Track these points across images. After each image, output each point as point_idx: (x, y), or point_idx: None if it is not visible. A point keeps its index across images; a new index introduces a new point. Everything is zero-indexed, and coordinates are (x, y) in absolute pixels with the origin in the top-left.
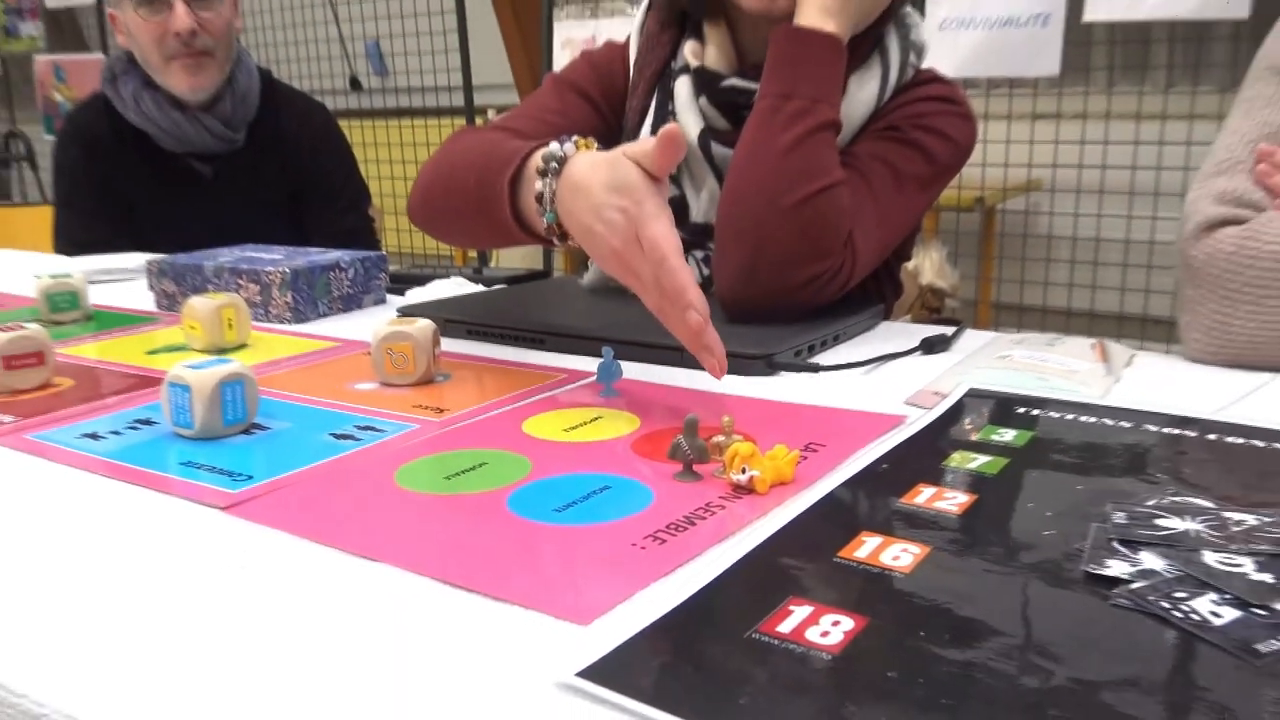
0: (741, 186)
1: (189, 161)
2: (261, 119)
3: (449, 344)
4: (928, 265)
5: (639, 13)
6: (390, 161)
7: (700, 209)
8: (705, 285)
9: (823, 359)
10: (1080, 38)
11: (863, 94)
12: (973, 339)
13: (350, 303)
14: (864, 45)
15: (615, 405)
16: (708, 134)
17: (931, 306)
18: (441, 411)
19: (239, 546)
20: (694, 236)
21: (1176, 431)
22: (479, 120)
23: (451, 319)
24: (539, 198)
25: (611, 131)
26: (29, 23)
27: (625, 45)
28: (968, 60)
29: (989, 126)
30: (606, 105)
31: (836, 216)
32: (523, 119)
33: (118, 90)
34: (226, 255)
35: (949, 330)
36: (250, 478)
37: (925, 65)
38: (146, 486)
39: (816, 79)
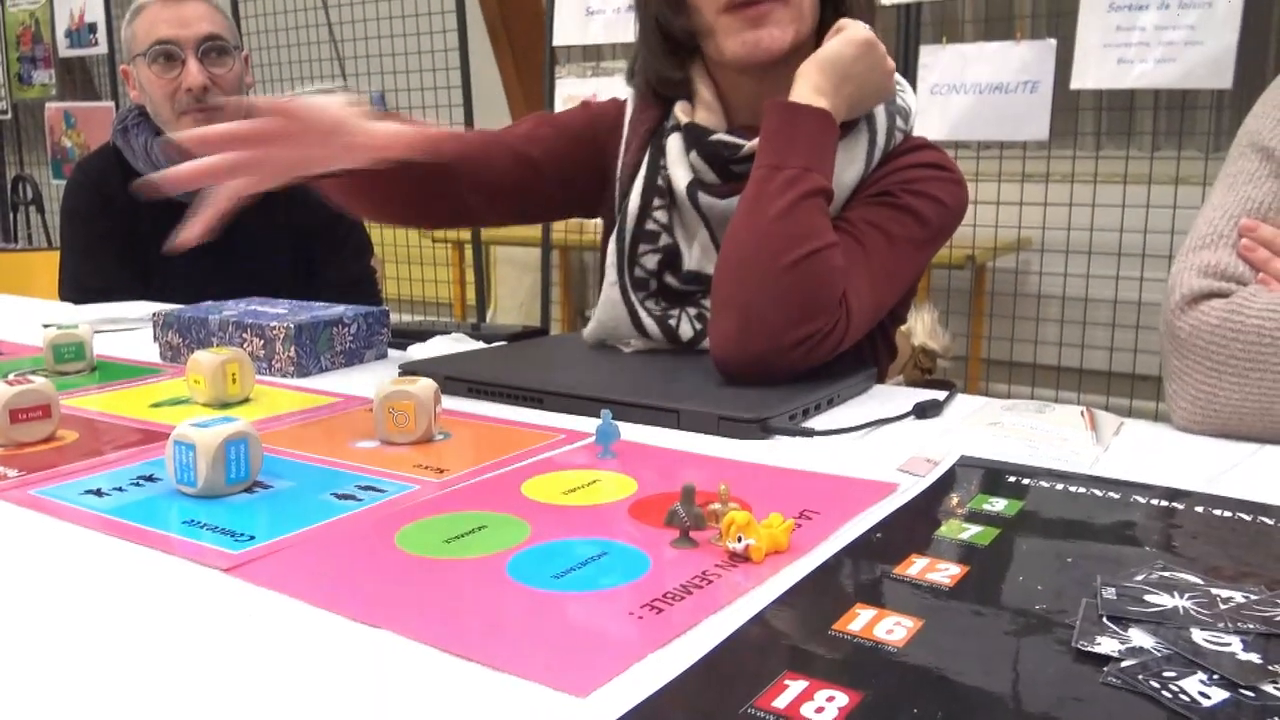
0: (735, 252)
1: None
2: None
3: (449, 401)
4: (920, 327)
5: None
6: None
7: (693, 258)
8: (695, 340)
9: (816, 422)
10: (1068, 103)
11: (851, 159)
12: (964, 404)
13: (352, 357)
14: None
15: (613, 468)
16: (696, 185)
17: (924, 367)
18: (442, 472)
19: (240, 608)
20: (687, 284)
21: (1165, 503)
22: None
23: (452, 377)
24: None
25: (584, 171)
26: (42, 71)
27: (624, 103)
28: (958, 123)
29: (979, 186)
30: (591, 146)
31: (829, 277)
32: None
33: (129, 141)
34: (231, 309)
35: (941, 395)
36: (252, 538)
37: (917, 130)
38: (149, 545)
39: (807, 150)
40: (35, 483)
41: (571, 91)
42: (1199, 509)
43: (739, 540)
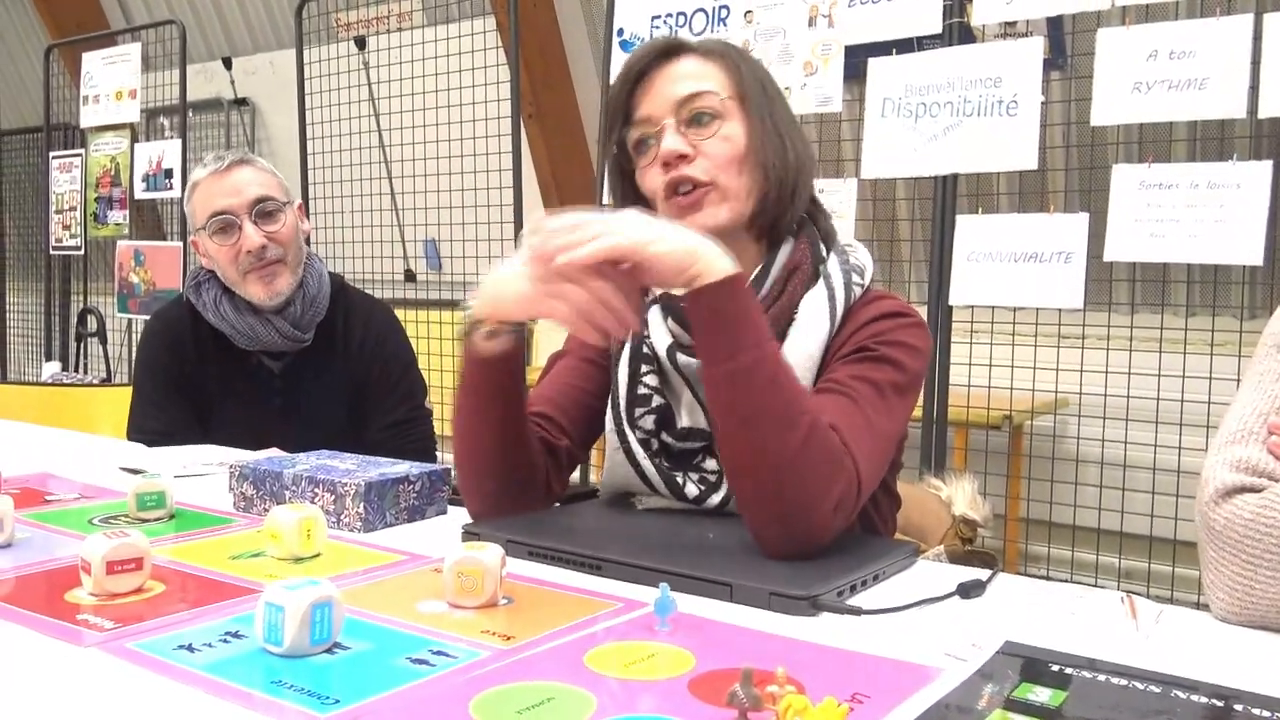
0: (738, 457)
1: (260, 358)
2: (329, 320)
3: (511, 564)
4: (959, 496)
5: None
6: (438, 354)
7: (684, 416)
8: (700, 498)
9: (863, 598)
10: (1102, 273)
11: (816, 310)
12: (1006, 582)
13: (414, 513)
14: (803, 268)
15: (670, 640)
16: (674, 348)
17: (965, 537)
18: (509, 639)
19: None
20: (682, 440)
21: (1204, 700)
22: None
23: (513, 539)
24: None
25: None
26: (117, 211)
27: None
28: (993, 289)
29: (1016, 349)
30: (603, 357)
31: (827, 435)
32: (543, 386)
33: (200, 296)
34: (304, 463)
35: (984, 574)
36: (337, 701)
37: (954, 294)
38: (241, 704)
39: (744, 326)
40: (130, 635)
41: None
42: (1239, 707)
43: None
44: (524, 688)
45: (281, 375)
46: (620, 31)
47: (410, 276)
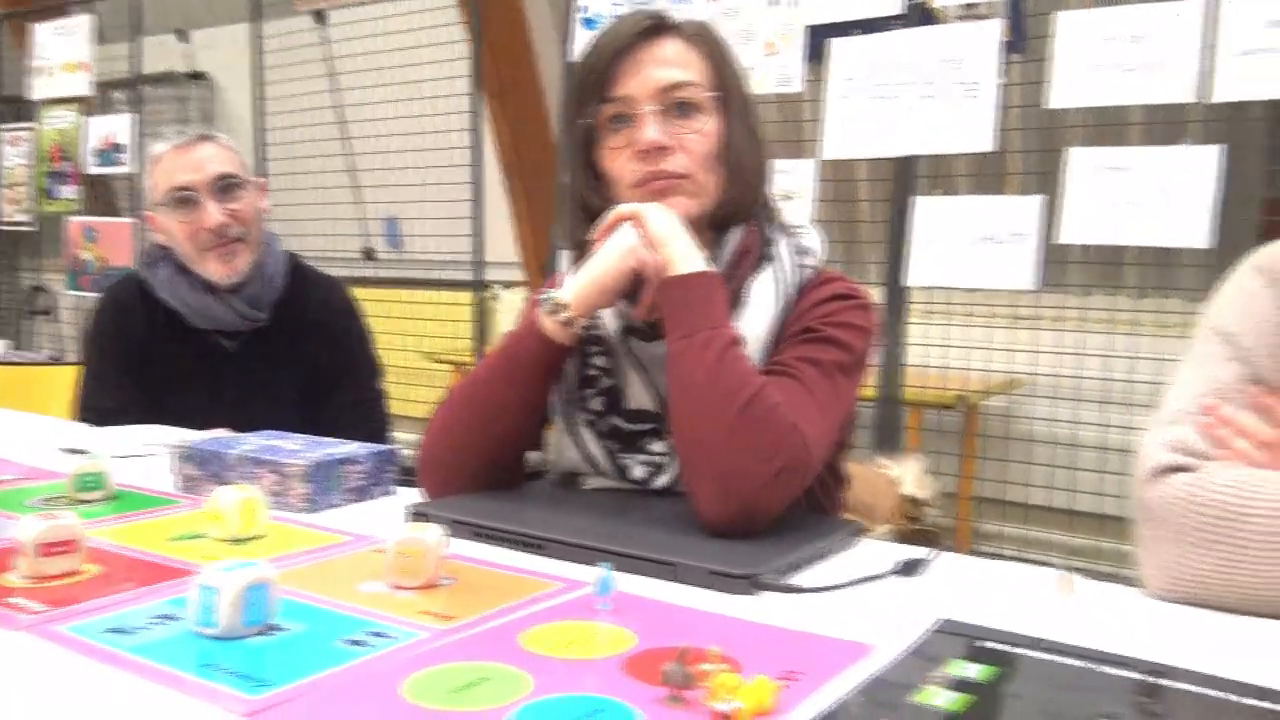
0: (686, 423)
1: (215, 338)
2: (286, 299)
3: (456, 544)
4: (907, 476)
5: None
6: (396, 333)
7: (634, 397)
8: (644, 481)
9: (805, 577)
10: (1056, 255)
11: (764, 293)
12: (948, 561)
13: (361, 494)
14: (752, 252)
15: (610, 620)
16: (626, 331)
17: (912, 516)
18: (448, 619)
19: None
20: (631, 422)
21: (1133, 675)
22: (486, 293)
23: (459, 520)
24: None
25: None
26: (68, 187)
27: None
28: (950, 270)
29: (971, 330)
30: None
31: (775, 412)
32: None
33: (154, 273)
34: (249, 444)
35: (924, 552)
36: (268, 684)
37: (911, 273)
38: (170, 686)
39: (706, 311)
40: (60, 619)
41: None
42: (1168, 682)
43: (727, 702)
44: (458, 668)
45: (237, 355)
46: (584, 9)
47: (369, 255)
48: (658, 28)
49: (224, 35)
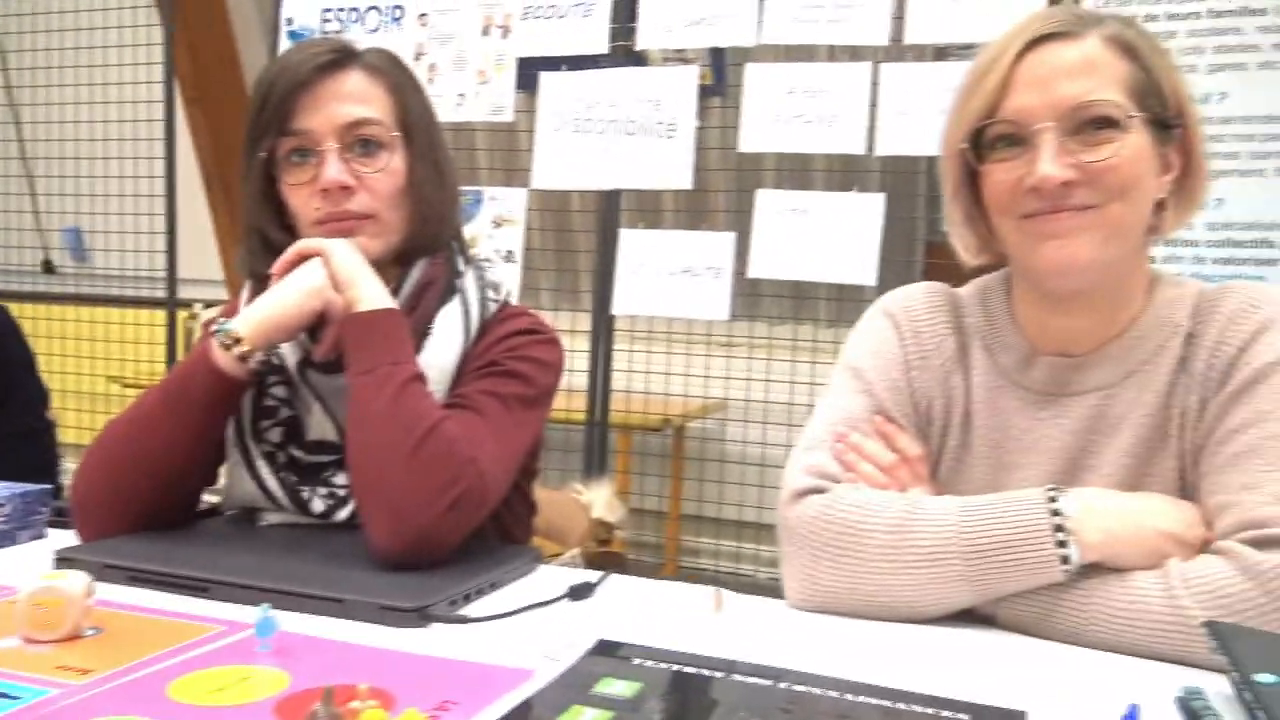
0: (363, 456)
1: None
2: None
3: (107, 590)
4: (598, 500)
5: None
6: (81, 356)
7: (313, 428)
8: (325, 515)
9: (479, 606)
10: (752, 287)
11: (449, 325)
12: (618, 583)
13: (4, 539)
14: (437, 283)
15: (268, 662)
16: (305, 364)
17: (601, 539)
18: (86, 673)
19: None
20: (312, 453)
21: (756, 680)
22: (182, 313)
23: (111, 564)
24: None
25: None
26: None
27: None
28: (653, 300)
29: (673, 358)
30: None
31: (451, 445)
32: None
33: None
34: None
35: (596, 576)
36: None
37: (618, 302)
38: None
39: (388, 347)
40: None
41: None
42: (799, 687)
43: None
44: None
45: None
46: (290, 21)
47: (49, 268)
48: (340, 61)
49: None
